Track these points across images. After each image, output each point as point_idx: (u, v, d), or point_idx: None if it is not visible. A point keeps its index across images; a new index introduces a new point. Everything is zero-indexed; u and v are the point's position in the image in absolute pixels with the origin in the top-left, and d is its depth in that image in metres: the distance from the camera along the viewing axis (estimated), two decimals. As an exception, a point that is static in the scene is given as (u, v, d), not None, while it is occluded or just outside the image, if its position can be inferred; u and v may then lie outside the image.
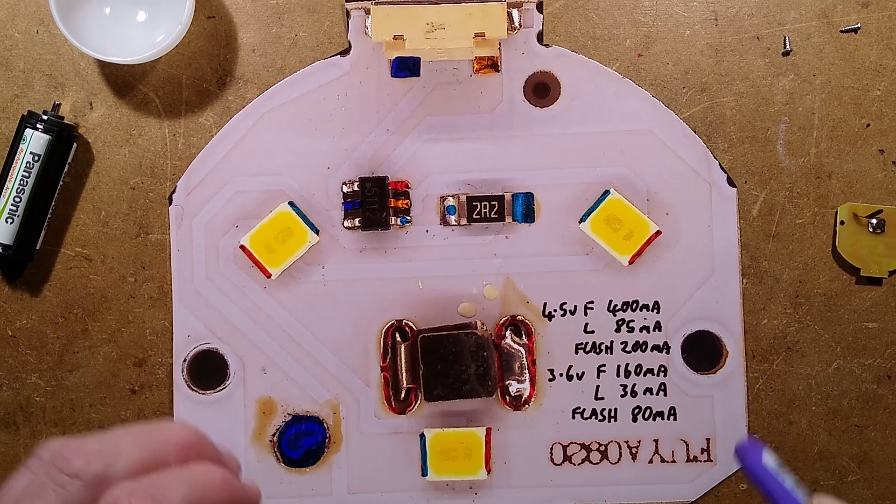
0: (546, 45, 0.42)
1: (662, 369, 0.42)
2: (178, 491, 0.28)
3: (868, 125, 0.42)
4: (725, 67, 0.42)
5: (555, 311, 0.42)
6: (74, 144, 0.41)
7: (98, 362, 0.42)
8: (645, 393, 0.42)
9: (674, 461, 0.42)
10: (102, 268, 0.42)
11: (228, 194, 0.42)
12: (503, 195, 0.42)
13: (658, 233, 0.41)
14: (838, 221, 0.42)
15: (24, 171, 0.40)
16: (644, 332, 0.42)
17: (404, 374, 0.42)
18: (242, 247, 0.41)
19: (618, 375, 0.42)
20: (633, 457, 0.42)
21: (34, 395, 0.42)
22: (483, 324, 0.41)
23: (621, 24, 0.42)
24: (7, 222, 0.40)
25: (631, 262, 0.41)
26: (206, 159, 0.42)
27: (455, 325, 0.42)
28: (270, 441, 0.42)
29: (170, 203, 0.42)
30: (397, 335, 0.42)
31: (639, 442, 0.42)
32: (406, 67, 0.41)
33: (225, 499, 0.29)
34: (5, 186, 0.40)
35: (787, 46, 0.42)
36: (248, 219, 0.42)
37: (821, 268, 0.42)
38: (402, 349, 0.42)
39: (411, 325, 0.42)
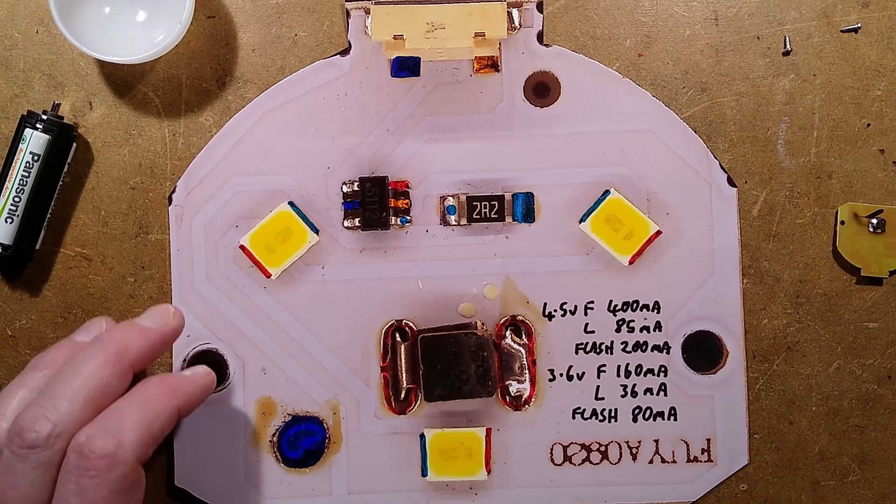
0: (546, 45, 0.42)
1: (663, 369, 0.42)
2: (131, 417, 0.32)
3: (868, 125, 0.42)
4: (725, 67, 0.42)
5: (555, 311, 0.42)
6: (74, 144, 0.41)
7: (98, 362, 0.42)
8: (645, 393, 0.42)
9: (674, 461, 0.42)
10: (102, 268, 0.42)
11: (228, 194, 0.42)
12: (503, 195, 0.42)
13: (658, 233, 0.41)
14: (838, 221, 0.42)
15: (24, 170, 0.40)
16: (644, 332, 0.42)
17: (404, 375, 0.42)
18: (242, 247, 0.41)
19: (618, 375, 0.42)
20: (634, 457, 0.42)
21: (34, 395, 0.42)
22: (483, 324, 0.41)
23: (621, 24, 0.42)
24: (6, 222, 0.40)
25: (631, 262, 0.41)
26: (206, 159, 0.42)
27: (455, 325, 0.42)
28: (270, 441, 0.42)
29: (170, 203, 0.42)
30: (397, 335, 0.42)
31: (639, 442, 0.42)
32: (406, 67, 0.41)
33: (173, 403, 0.33)
34: (5, 186, 0.40)
35: (788, 46, 0.42)
36: (248, 219, 0.42)
37: (821, 268, 0.42)
38: (402, 349, 0.42)
39: (411, 325, 0.42)
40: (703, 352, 0.42)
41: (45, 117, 0.40)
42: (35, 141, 0.40)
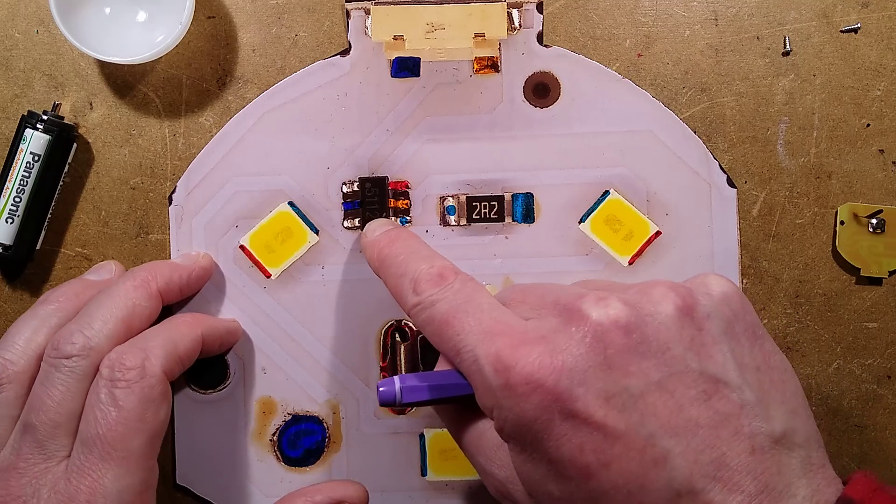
0: (546, 46, 0.42)
1: (662, 369, 0.42)
2: (158, 337, 0.36)
3: (868, 125, 0.42)
4: (725, 67, 0.42)
5: (554, 311, 0.42)
6: (74, 144, 0.41)
7: (98, 362, 0.42)
8: (645, 393, 0.42)
9: (673, 461, 0.42)
10: (102, 268, 0.42)
11: (228, 194, 0.42)
12: (503, 195, 0.42)
13: (658, 233, 0.41)
14: (838, 221, 0.42)
15: (24, 171, 0.40)
16: (644, 332, 0.42)
17: (404, 375, 0.42)
18: (242, 247, 0.41)
19: (617, 375, 0.42)
20: (633, 457, 0.42)
21: (34, 394, 0.42)
22: (483, 324, 0.41)
23: (621, 24, 0.42)
24: (7, 222, 0.40)
25: (631, 263, 0.41)
26: (206, 159, 0.42)
27: (455, 326, 0.42)
28: (271, 440, 0.42)
29: (170, 203, 0.42)
30: (397, 335, 0.42)
31: (638, 442, 0.42)
32: (406, 67, 0.41)
33: (200, 332, 0.38)
34: (5, 186, 0.40)
35: (787, 46, 0.42)
36: (248, 219, 0.42)
37: (821, 268, 0.42)
38: (402, 349, 0.42)
39: (411, 325, 0.42)
40: (703, 352, 0.42)
41: (45, 117, 0.40)
42: (35, 141, 0.40)
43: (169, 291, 0.39)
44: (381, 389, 0.31)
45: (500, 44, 0.42)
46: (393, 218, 0.41)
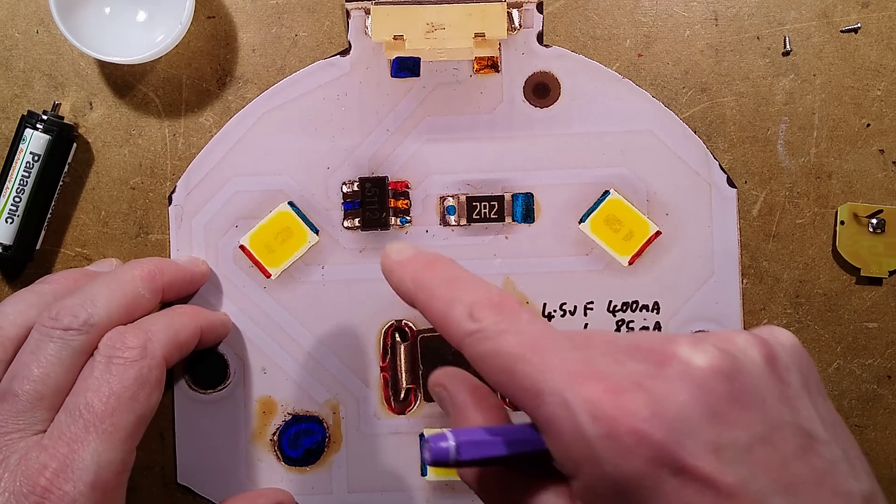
0: (546, 46, 0.42)
1: (662, 369, 0.42)
2: (160, 322, 0.35)
3: (868, 125, 0.42)
4: (725, 67, 0.42)
5: (554, 311, 0.42)
6: (74, 144, 0.41)
7: (98, 362, 0.42)
8: (645, 393, 0.42)
9: (673, 461, 0.42)
10: (102, 268, 0.42)
11: (228, 194, 0.42)
12: (503, 195, 0.42)
13: (658, 233, 0.41)
14: (838, 221, 0.42)
15: (24, 171, 0.40)
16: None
17: (404, 375, 0.42)
18: (242, 247, 0.41)
19: (617, 375, 0.42)
20: (633, 457, 0.42)
21: (34, 394, 0.42)
22: (483, 324, 0.41)
23: (621, 24, 0.42)
24: (7, 222, 0.40)
25: (631, 263, 0.41)
26: (206, 159, 0.42)
27: (455, 326, 0.42)
28: (271, 440, 0.42)
29: (170, 203, 0.42)
30: (397, 335, 0.42)
31: (638, 442, 0.42)
32: (406, 67, 0.41)
33: (201, 322, 0.38)
34: (5, 186, 0.40)
35: (787, 46, 0.42)
36: (248, 219, 0.42)
37: (821, 268, 0.42)
38: (402, 349, 0.42)
39: (411, 325, 0.42)
40: (703, 352, 0.42)
41: (45, 117, 0.40)
42: (35, 141, 0.40)
43: (170, 290, 0.38)
44: (432, 446, 0.26)
45: (500, 44, 0.42)
46: (393, 218, 0.41)
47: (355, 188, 0.41)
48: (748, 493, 0.24)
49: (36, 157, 0.40)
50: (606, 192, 0.41)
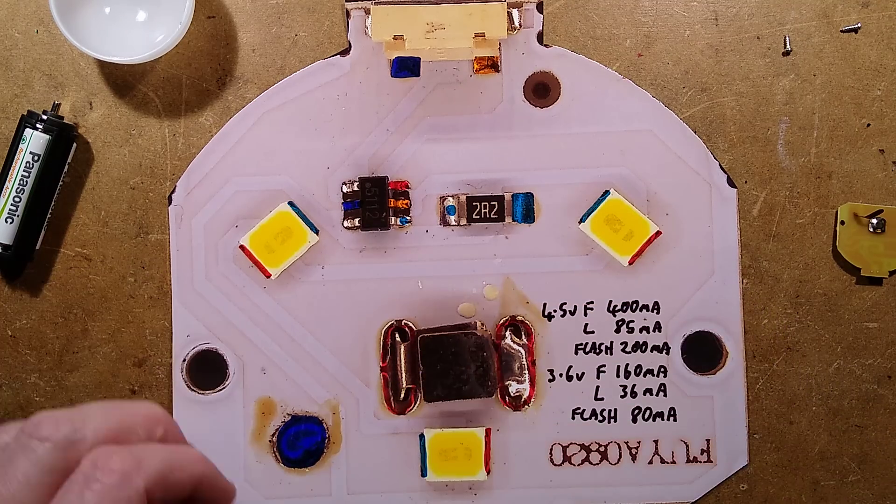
0: (546, 45, 0.42)
1: (662, 370, 0.42)
2: (157, 453, 0.29)
3: (868, 125, 0.42)
4: (725, 67, 0.42)
5: (554, 311, 0.42)
6: (74, 144, 0.41)
7: (98, 362, 0.42)
8: (645, 394, 0.42)
9: (674, 462, 0.42)
10: (102, 268, 0.42)
11: (228, 194, 0.42)
12: (503, 195, 0.41)
13: (658, 233, 0.41)
14: (838, 221, 0.42)
15: (24, 171, 0.40)
16: (644, 332, 0.42)
17: (404, 375, 0.42)
18: (242, 247, 0.41)
19: (617, 376, 0.42)
20: (633, 457, 0.42)
21: (34, 395, 0.42)
22: (483, 324, 0.41)
23: (621, 24, 0.42)
24: (7, 222, 0.40)
25: (631, 263, 0.41)
26: (206, 159, 0.42)
27: (455, 326, 0.42)
28: (270, 441, 0.42)
29: (169, 203, 0.42)
30: (397, 335, 0.42)
31: (638, 443, 0.42)
32: (406, 67, 0.41)
33: (202, 471, 0.30)
34: (5, 186, 0.40)
35: (788, 46, 0.42)
36: (248, 219, 0.42)
37: (821, 268, 0.42)
38: (402, 349, 0.42)
39: (411, 325, 0.42)
40: (703, 352, 0.42)
41: (45, 117, 0.40)
42: (35, 141, 0.40)
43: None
44: None
45: (500, 44, 0.42)
46: (393, 218, 0.41)
47: (355, 188, 0.41)
48: None
49: (36, 157, 0.40)
50: (606, 192, 0.41)
